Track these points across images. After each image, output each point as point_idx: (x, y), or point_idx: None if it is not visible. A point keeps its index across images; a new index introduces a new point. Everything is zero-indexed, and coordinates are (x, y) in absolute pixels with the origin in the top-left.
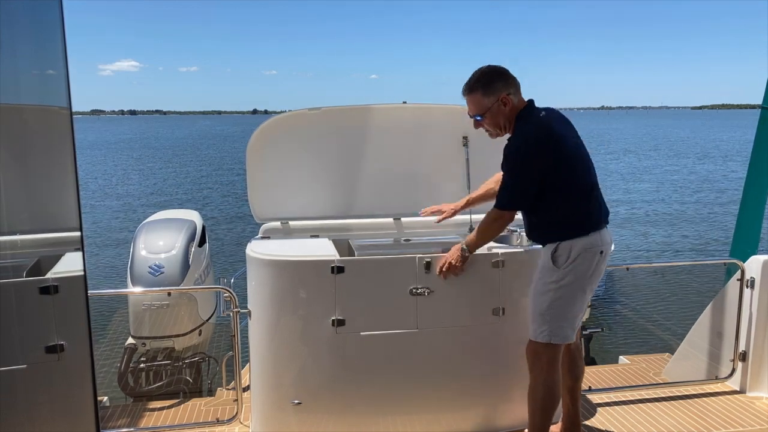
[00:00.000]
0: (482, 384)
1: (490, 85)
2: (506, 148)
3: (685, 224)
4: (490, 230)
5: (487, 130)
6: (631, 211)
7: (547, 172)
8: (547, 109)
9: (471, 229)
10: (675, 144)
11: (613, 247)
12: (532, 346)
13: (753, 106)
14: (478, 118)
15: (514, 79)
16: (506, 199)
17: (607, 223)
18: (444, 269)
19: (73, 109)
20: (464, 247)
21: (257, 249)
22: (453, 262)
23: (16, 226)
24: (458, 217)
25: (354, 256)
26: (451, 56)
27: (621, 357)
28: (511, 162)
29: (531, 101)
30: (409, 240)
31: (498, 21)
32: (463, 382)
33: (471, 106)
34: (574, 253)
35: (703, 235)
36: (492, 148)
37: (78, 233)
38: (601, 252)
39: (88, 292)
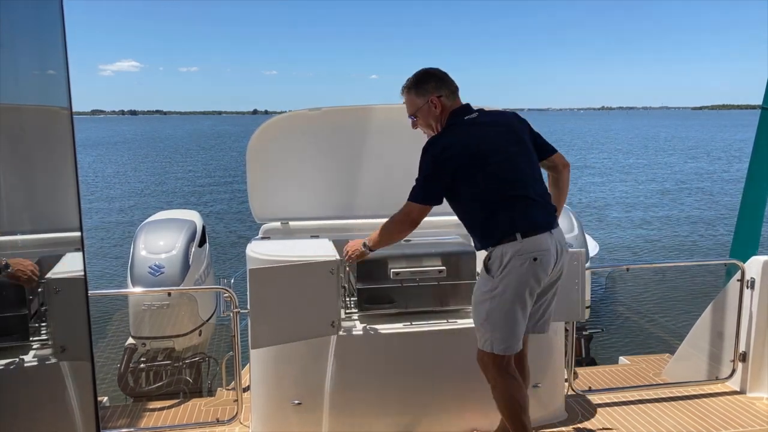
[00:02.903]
0: (482, 384)
1: (422, 86)
2: (424, 146)
3: (685, 224)
4: (395, 228)
5: (424, 131)
6: (631, 211)
7: (455, 180)
8: (481, 113)
9: None
10: (674, 144)
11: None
12: (479, 354)
13: (753, 107)
14: (413, 118)
15: (449, 82)
16: (418, 194)
17: (549, 229)
18: (345, 258)
19: (74, 109)
20: (365, 243)
21: (257, 249)
22: (352, 255)
23: (16, 226)
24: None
25: None
26: (451, 56)
27: (621, 357)
28: (421, 161)
29: (465, 106)
30: (409, 240)
31: (498, 21)
32: (463, 382)
33: (407, 106)
34: (506, 260)
35: (703, 235)
36: None
37: (78, 233)
38: (535, 258)
39: (89, 292)
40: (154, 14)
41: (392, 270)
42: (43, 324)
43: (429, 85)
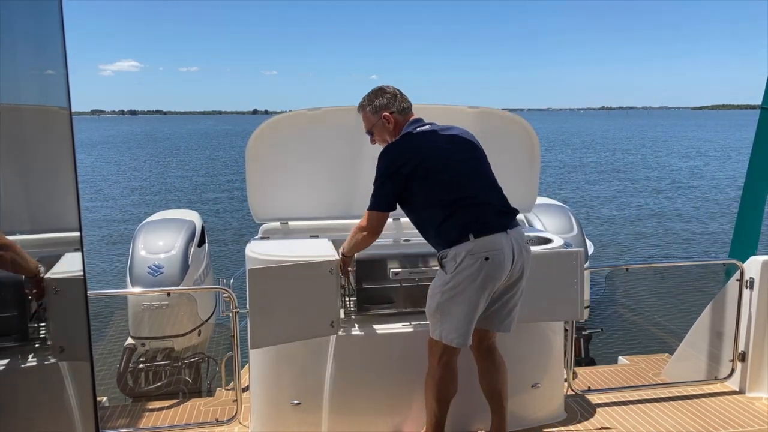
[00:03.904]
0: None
1: (375, 103)
2: (379, 154)
3: (684, 224)
4: (358, 238)
5: (382, 147)
6: (628, 210)
7: (409, 185)
8: (433, 125)
9: None
10: (673, 144)
11: (513, 252)
12: (430, 341)
13: (753, 107)
14: (369, 134)
15: (401, 98)
16: (373, 202)
17: (504, 229)
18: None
19: (73, 110)
20: (341, 251)
21: (257, 249)
22: (342, 269)
23: (16, 226)
24: None
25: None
26: (451, 57)
27: (620, 357)
28: (377, 169)
29: (417, 119)
30: (409, 240)
31: (499, 22)
32: (462, 382)
33: (363, 123)
34: (459, 259)
35: (702, 234)
36: (493, 148)
37: (77, 233)
38: (487, 258)
39: (88, 292)
40: (154, 14)
41: (391, 270)
42: (42, 324)
43: (382, 102)
